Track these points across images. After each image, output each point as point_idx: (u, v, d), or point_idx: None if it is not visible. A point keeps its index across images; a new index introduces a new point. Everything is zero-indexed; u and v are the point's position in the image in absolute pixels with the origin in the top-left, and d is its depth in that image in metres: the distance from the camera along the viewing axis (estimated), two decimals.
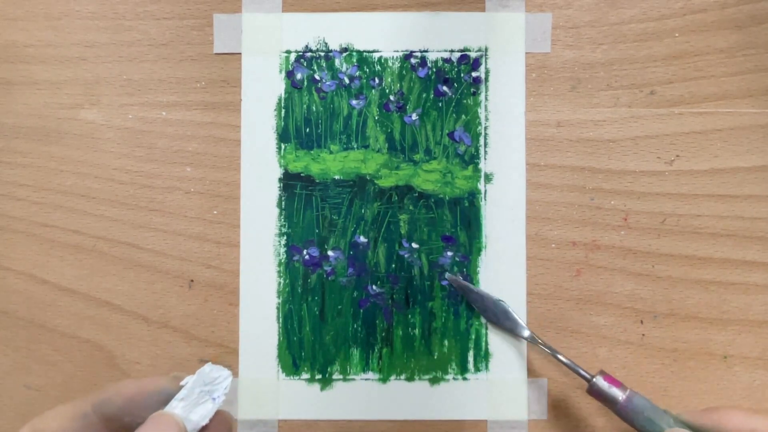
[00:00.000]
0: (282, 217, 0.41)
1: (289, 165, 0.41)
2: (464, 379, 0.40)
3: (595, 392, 0.36)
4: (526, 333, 0.39)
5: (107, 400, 0.28)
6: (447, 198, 0.41)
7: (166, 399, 0.28)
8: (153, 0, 0.41)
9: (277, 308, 0.40)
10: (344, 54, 0.41)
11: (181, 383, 0.29)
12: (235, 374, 0.40)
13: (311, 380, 0.40)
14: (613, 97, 0.41)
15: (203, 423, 0.28)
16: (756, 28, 0.41)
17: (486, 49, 0.41)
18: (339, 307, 0.40)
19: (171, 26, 0.41)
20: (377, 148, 0.41)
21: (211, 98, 0.41)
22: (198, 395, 0.29)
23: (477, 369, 0.40)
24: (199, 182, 0.41)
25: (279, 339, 0.40)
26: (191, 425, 0.28)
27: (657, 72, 0.41)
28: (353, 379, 0.40)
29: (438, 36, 0.41)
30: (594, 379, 0.36)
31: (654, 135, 0.41)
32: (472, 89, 0.41)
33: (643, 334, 0.40)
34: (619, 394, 0.35)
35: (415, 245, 0.40)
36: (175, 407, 0.28)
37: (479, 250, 0.40)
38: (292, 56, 0.41)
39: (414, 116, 0.41)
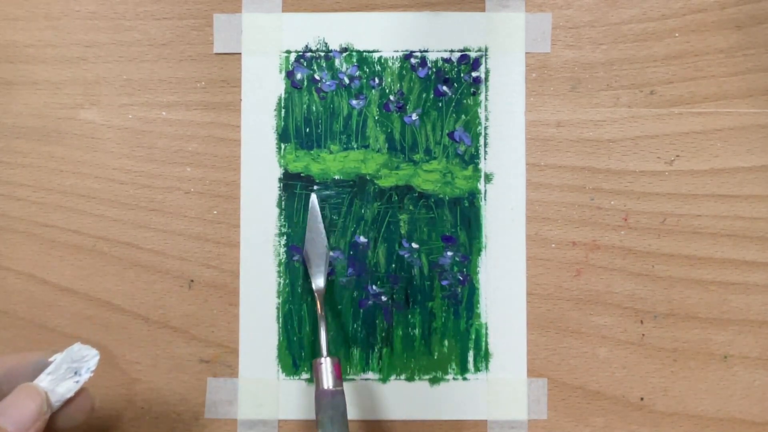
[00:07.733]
0: (282, 217, 0.41)
1: (289, 165, 0.41)
2: (464, 379, 0.40)
3: (315, 366, 0.36)
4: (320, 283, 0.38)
5: None
6: (447, 198, 0.41)
7: (40, 373, 0.31)
8: (153, 0, 0.41)
9: (277, 308, 0.40)
10: (344, 54, 0.41)
11: (50, 359, 0.31)
12: (235, 374, 0.40)
13: (311, 380, 0.40)
14: (613, 97, 0.41)
15: (68, 396, 0.31)
16: (756, 28, 0.41)
17: (486, 49, 0.41)
18: (339, 307, 0.40)
19: (171, 26, 0.41)
20: (377, 148, 0.41)
21: (211, 98, 0.41)
22: (65, 371, 0.31)
23: (477, 369, 0.40)
24: (199, 182, 0.41)
25: (279, 339, 0.40)
26: (55, 397, 0.30)
27: (657, 72, 0.41)
28: (353, 379, 0.40)
29: (438, 36, 0.41)
30: (323, 359, 0.36)
31: (654, 135, 0.40)
32: (472, 89, 0.41)
33: (643, 334, 0.40)
34: (327, 384, 0.35)
35: (415, 245, 0.40)
36: (43, 380, 0.30)
37: (479, 250, 0.40)
38: (292, 56, 0.41)
39: (414, 116, 0.41)
